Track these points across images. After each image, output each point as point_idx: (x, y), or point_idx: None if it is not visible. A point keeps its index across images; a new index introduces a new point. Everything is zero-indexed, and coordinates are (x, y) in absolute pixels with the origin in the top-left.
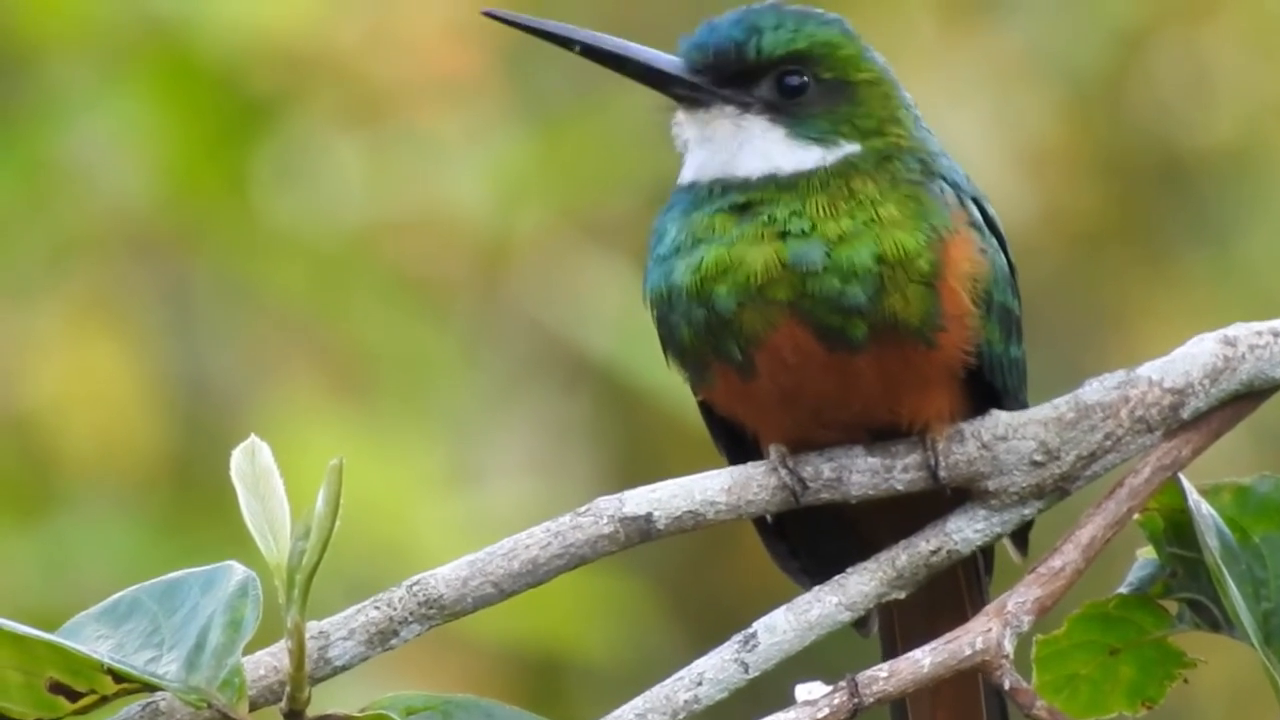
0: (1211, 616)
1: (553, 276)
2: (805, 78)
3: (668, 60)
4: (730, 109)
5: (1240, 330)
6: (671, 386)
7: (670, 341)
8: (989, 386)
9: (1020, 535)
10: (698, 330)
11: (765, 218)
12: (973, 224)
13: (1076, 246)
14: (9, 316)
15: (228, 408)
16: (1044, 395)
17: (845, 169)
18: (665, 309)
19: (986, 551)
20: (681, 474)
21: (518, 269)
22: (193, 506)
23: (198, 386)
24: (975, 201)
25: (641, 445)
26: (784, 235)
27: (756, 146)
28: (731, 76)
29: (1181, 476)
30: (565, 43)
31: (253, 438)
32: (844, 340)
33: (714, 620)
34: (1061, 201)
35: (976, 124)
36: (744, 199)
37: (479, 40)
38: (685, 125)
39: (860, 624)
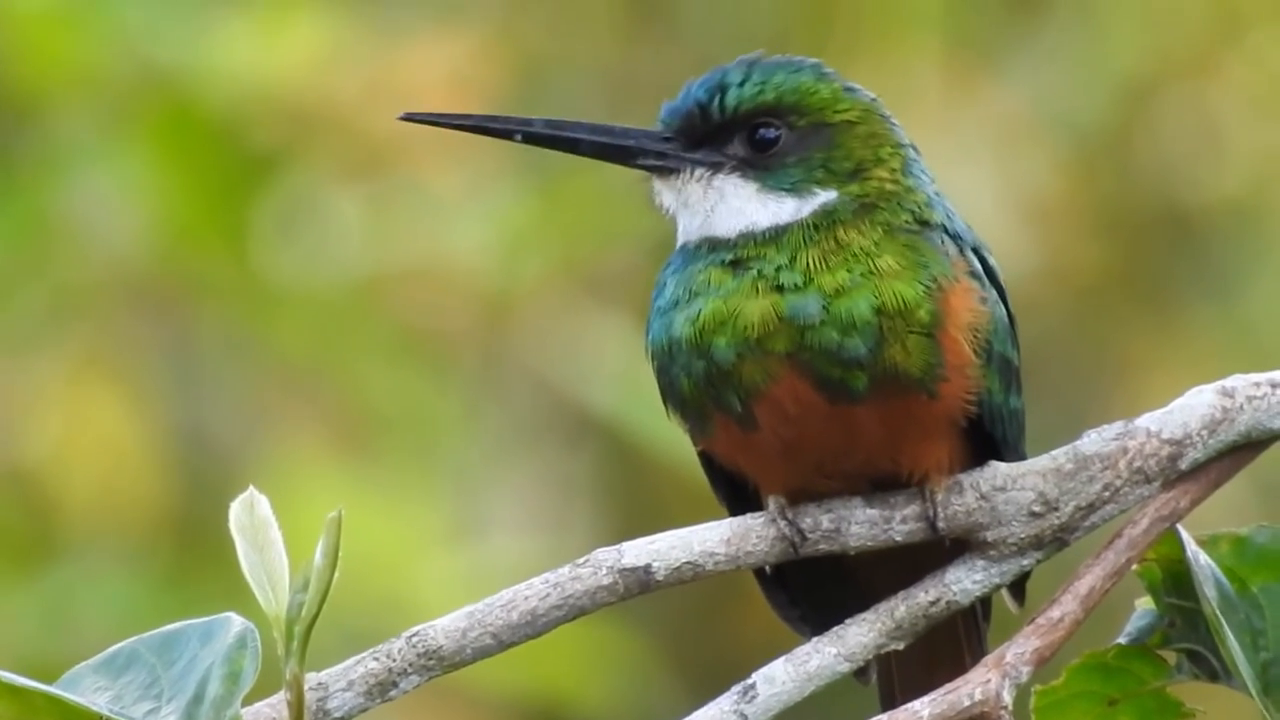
0: (1210, 667)
1: (555, 331)
2: (777, 129)
3: (634, 132)
4: (700, 171)
5: (1238, 382)
6: (674, 441)
7: (671, 393)
8: (988, 437)
9: (1018, 586)
10: (698, 382)
11: (756, 272)
12: (973, 274)
13: (1081, 300)
14: (10, 369)
15: (229, 460)
16: (1048, 447)
17: (825, 219)
18: (666, 361)
19: (984, 602)
20: (686, 525)
21: (520, 323)
22: (193, 559)
23: (199, 439)
24: (975, 251)
25: (645, 500)
26: (779, 289)
27: (730, 205)
28: (702, 138)
29: (1180, 527)
30: (503, 134)
31: (251, 490)
32: (845, 392)
33: (716, 670)
34: (1066, 255)
35: (982, 179)
36: (731, 256)
37: (479, 93)
38: (662, 193)
39: (860, 672)
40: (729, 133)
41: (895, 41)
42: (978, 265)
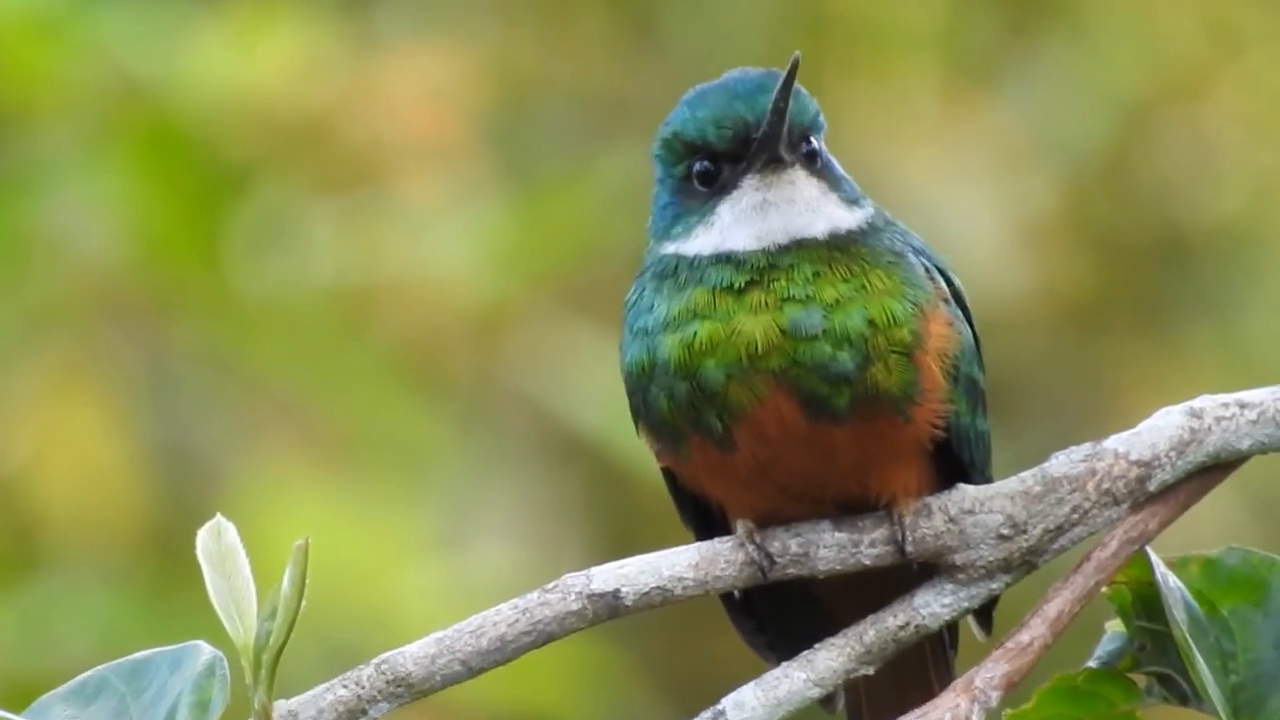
0: (1180, 690)
1: (540, 345)
2: (815, 144)
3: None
4: (802, 171)
5: (1206, 403)
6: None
7: (645, 413)
8: (955, 461)
9: (984, 614)
10: (679, 403)
11: (779, 282)
12: (945, 300)
13: (1077, 321)
14: None
15: (208, 474)
16: None
17: (866, 231)
18: (645, 381)
19: (951, 628)
20: (671, 544)
21: (504, 337)
22: (173, 574)
23: (177, 453)
24: (942, 273)
25: (632, 517)
26: (784, 302)
27: (819, 209)
28: (786, 141)
29: (1149, 549)
30: None
31: (218, 517)
32: (828, 410)
33: (698, 686)
34: (1062, 276)
35: (978, 199)
36: (766, 261)
37: (458, 105)
38: (747, 190)
39: (826, 701)
40: (795, 141)
41: (891, 62)
42: (945, 288)
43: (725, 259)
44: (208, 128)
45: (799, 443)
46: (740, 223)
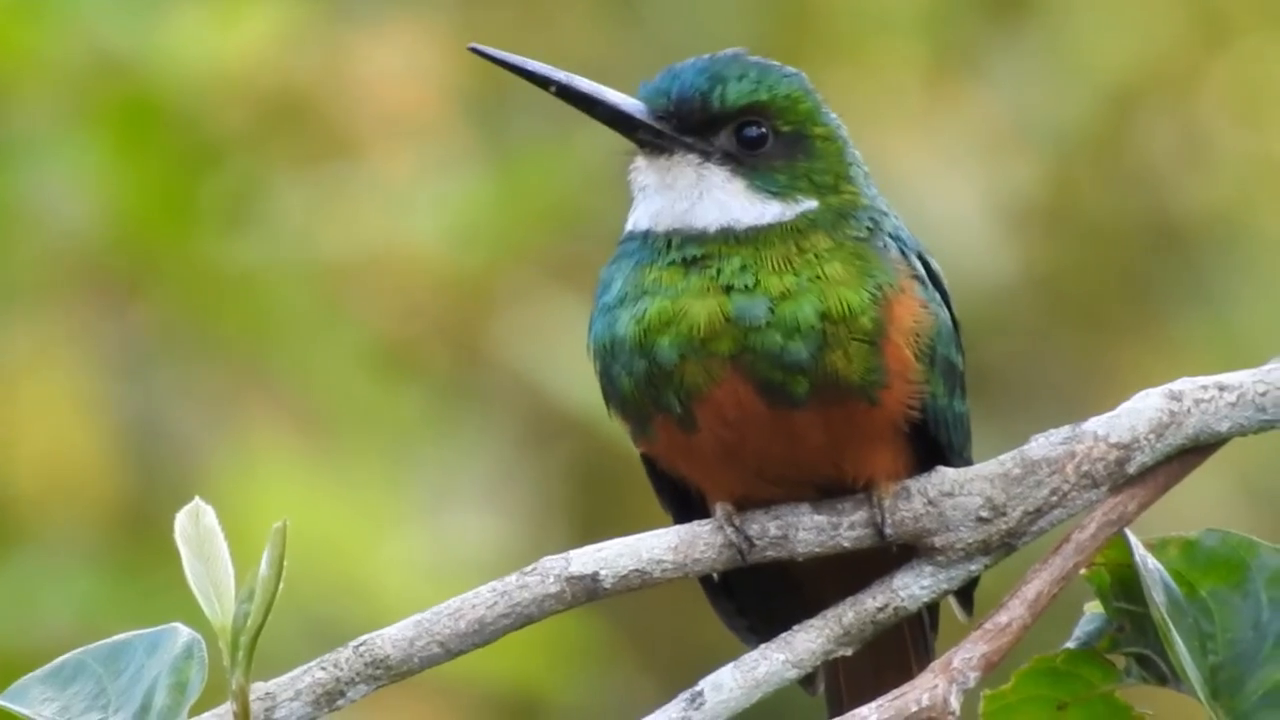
0: (1159, 670)
1: (519, 318)
2: (764, 129)
3: (634, 105)
4: (692, 157)
5: (1185, 385)
6: None
7: (612, 393)
8: (934, 442)
9: (965, 594)
10: (639, 382)
11: (714, 271)
12: (917, 278)
13: (1064, 307)
14: None
15: (185, 451)
16: None
17: (803, 225)
18: (608, 360)
19: (932, 609)
20: (656, 519)
21: (483, 310)
22: (150, 550)
23: (154, 429)
24: (920, 257)
25: (616, 491)
26: (729, 290)
27: (716, 197)
28: (694, 125)
29: (1128, 531)
30: (542, 82)
31: (196, 500)
32: (786, 396)
33: (681, 664)
34: (1049, 262)
35: (965, 186)
36: (699, 251)
37: (437, 80)
38: (644, 171)
39: (807, 682)
40: (718, 125)
41: (875, 47)
42: (921, 270)
43: (644, 238)
44: (185, 103)
45: (762, 426)
46: (639, 204)
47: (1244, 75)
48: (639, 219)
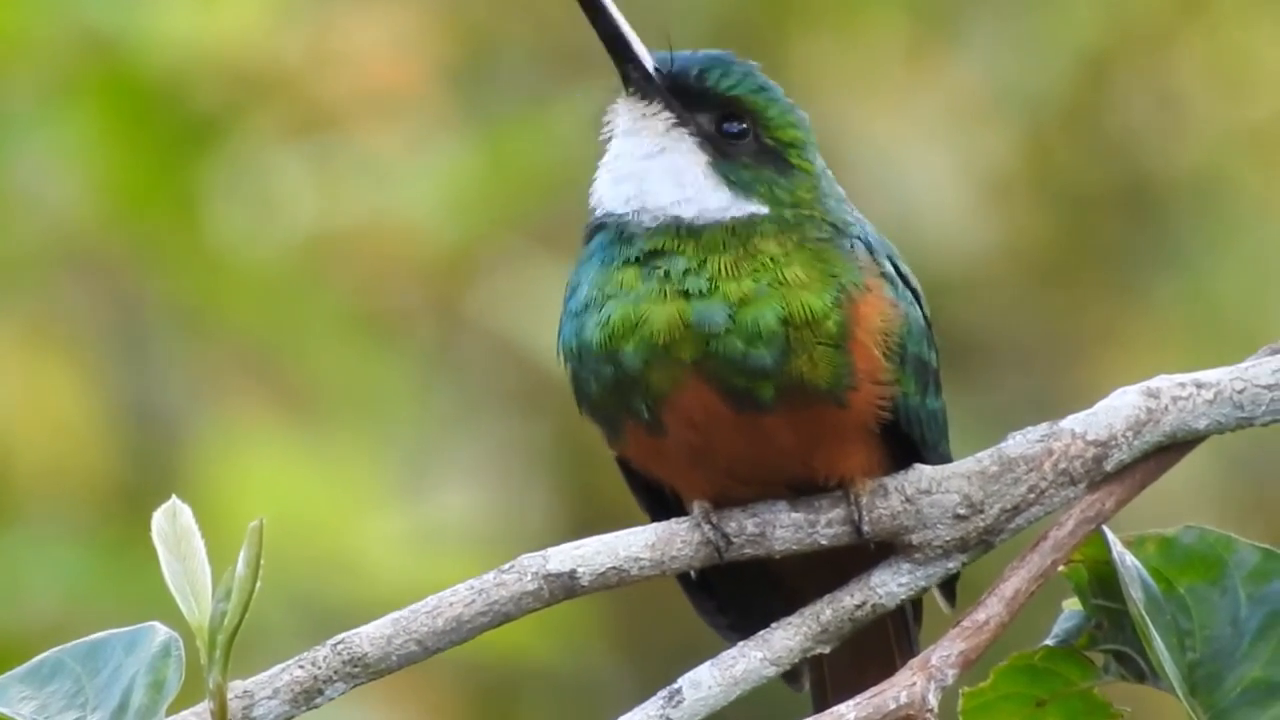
0: (1137, 667)
1: (506, 288)
2: (748, 129)
3: (637, 40)
4: (669, 115)
5: (1163, 382)
6: None
7: (582, 397)
8: (907, 439)
9: (948, 587)
10: (606, 387)
11: (664, 272)
12: (884, 276)
13: (1041, 276)
14: None
15: (175, 429)
16: (1010, 426)
17: (747, 227)
18: (576, 364)
19: (915, 603)
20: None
21: (470, 282)
22: (140, 527)
23: (145, 408)
24: (889, 258)
25: (600, 462)
26: (686, 294)
27: (674, 162)
28: (684, 92)
29: (1106, 529)
30: None
31: (174, 499)
32: (751, 401)
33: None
34: (1026, 232)
35: (941, 156)
36: (648, 246)
37: (420, 52)
38: (620, 114)
39: (792, 678)
40: (705, 106)
41: (856, 18)
42: (890, 269)
43: (605, 231)
44: (172, 80)
45: (729, 429)
46: (604, 163)
47: (1219, 39)
48: (600, 191)
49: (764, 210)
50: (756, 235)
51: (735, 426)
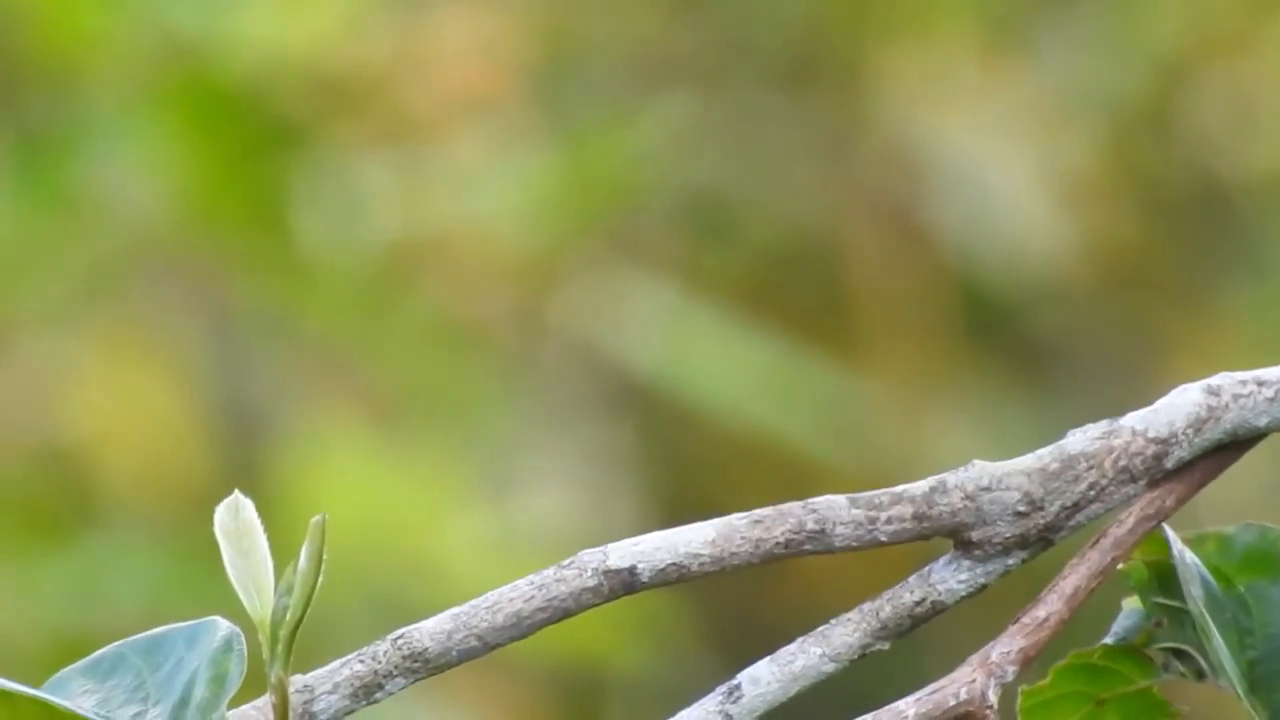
0: (1197, 666)
1: (591, 295)
2: None
3: None
4: None
5: (1224, 380)
6: (720, 403)
7: None
8: None
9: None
10: None
11: None
12: None
13: (1119, 280)
14: (44, 346)
15: (265, 431)
16: None
17: None
18: None
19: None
20: (730, 500)
21: (553, 289)
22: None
23: (236, 411)
24: None
25: (687, 467)
26: None
27: None
28: None
29: (1166, 526)
30: None
31: (236, 494)
32: None
33: (758, 636)
34: (1104, 235)
35: (1018, 160)
36: None
37: (505, 57)
38: None
39: None
40: None
41: (933, 24)
42: None
43: None
44: (256, 85)
45: None
46: None
47: None
48: None
49: None
50: None
51: None
